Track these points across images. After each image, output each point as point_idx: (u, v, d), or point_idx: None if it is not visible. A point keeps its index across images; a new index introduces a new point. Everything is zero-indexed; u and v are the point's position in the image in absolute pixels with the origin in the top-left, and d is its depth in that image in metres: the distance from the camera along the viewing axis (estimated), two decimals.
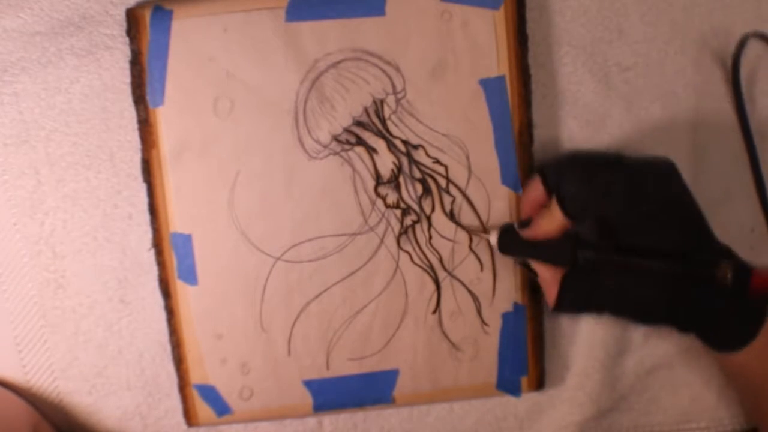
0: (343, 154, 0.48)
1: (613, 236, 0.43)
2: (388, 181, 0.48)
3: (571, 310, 0.45)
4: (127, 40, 0.47)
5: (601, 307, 0.44)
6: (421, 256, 0.49)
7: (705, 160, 0.50)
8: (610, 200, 0.42)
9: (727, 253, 0.43)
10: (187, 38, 0.47)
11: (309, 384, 0.49)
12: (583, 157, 0.46)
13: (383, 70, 0.48)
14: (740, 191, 0.51)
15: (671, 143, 0.50)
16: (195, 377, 0.49)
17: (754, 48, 0.50)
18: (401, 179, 0.48)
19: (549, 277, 0.45)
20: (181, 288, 0.48)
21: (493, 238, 0.47)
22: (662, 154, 0.49)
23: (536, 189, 0.45)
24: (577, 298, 0.44)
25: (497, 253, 0.48)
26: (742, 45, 0.48)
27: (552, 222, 0.43)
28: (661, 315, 0.43)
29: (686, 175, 0.50)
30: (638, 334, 0.51)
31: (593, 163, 0.44)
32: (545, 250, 0.45)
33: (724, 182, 0.51)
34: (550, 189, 0.44)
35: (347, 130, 0.48)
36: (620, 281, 0.42)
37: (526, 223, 0.45)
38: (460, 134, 0.48)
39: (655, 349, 0.51)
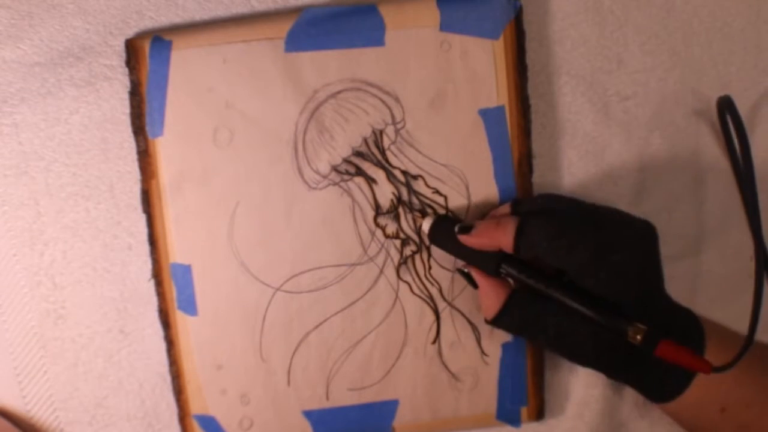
0: (342, 184, 0.48)
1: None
2: (388, 212, 0.48)
3: (507, 329, 0.46)
4: (126, 70, 0.47)
5: (535, 338, 0.45)
6: (421, 286, 0.49)
7: (705, 189, 0.50)
8: (567, 261, 0.42)
9: (679, 317, 0.43)
10: (187, 69, 0.47)
11: (309, 414, 0.49)
12: (561, 209, 0.44)
13: (382, 101, 0.48)
14: (740, 220, 0.51)
15: (671, 172, 0.50)
16: (195, 408, 0.49)
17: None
18: (401, 209, 0.48)
19: (490, 291, 0.45)
20: (180, 318, 0.48)
21: (426, 225, 0.47)
22: (663, 183, 0.50)
23: (503, 210, 0.46)
24: (514, 322, 0.44)
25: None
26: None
27: (495, 242, 0.43)
28: (590, 362, 0.44)
29: (687, 203, 0.50)
30: None
31: (567, 220, 0.43)
32: (472, 254, 0.45)
33: (724, 210, 0.51)
34: (516, 216, 0.44)
35: (346, 161, 0.48)
36: (557, 320, 0.43)
37: (466, 228, 0.45)
38: (460, 164, 0.48)
39: None
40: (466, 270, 0.46)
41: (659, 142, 0.50)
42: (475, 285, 0.46)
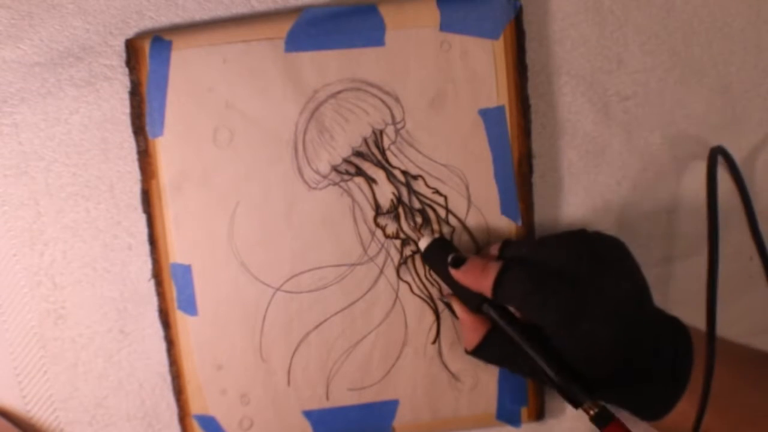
0: (342, 184, 0.48)
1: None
2: (388, 212, 0.48)
3: (485, 361, 0.47)
4: (126, 70, 0.47)
5: (512, 371, 0.46)
6: (421, 286, 0.49)
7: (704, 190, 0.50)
8: (538, 318, 0.42)
9: (672, 332, 0.43)
10: (187, 69, 0.47)
11: (309, 414, 0.49)
12: (543, 259, 0.44)
13: (382, 101, 0.48)
14: (740, 220, 0.51)
15: (671, 173, 0.50)
16: (195, 408, 0.49)
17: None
18: (400, 209, 0.48)
19: (470, 325, 0.46)
20: (180, 318, 0.48)
21: (423, 243, 0.47)
22: (664, 183, 0.50)
23: (493, 251, 0.46)
24: (493, 357, 0.46)
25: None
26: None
27: (477, 285, 0.44)
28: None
29: (687, 204, 0.50)
30: None
31: (545, 274, 0.42)
32: (459, 287, 0.46)
33: (725, 211, 0.50)
34: (500, 261, 0.44)
35: (346, 161, 0.48)
36: (531, 362, 0.43)
37: (458, 260, 0.45)
38: (460, 164, 0.48)
39: None
40: (447, 301, 0.48)
41: (659, 142, 0.50)
42: (455, 315, 0.47)
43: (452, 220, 0.48)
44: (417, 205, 0.48)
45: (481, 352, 0.46)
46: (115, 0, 0.48)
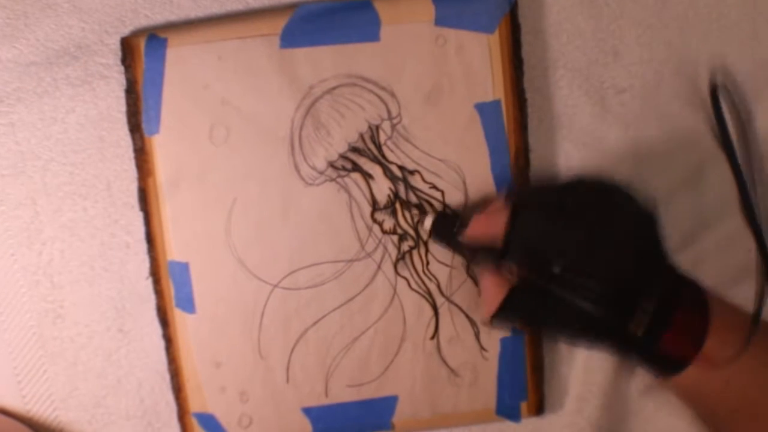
0: (339, 180, 0.48)
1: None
2: (385, 207, 0.48)
3: (506, 325, 0.45)
4: (122, 68, 0.47)
5: (535, 328, 0.44)
6: (419, 281, 0.48)
7: (702, 180, 0.50)
8: (558, 254, 0.41)
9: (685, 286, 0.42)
10: (182, 66, 0.47)
11: (308, 411, 0.49)
12: (552, 200, 0.43)
13: (378, 96, 0.47)
14: (738, 209, 0.50)
15: (668, 164, 0.50)
16: (194, 406, 0.48)
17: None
18: (398, 205, 0.48)
19: (492, 286, 0.44)
20: (179, 316, 0.48)
21: (428, 222, 0.47)
22: (660, 175, 0.50)
23: (498, 203, 0.45)
24: (519, 311, 0.43)
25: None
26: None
27: (489, 236, 0.43)
28: (593, 347, 0.43)
29: (684, 194, 0.50)
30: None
31: (557, 212, 0.42)
32: (473, 250, 0.45)
33: (722, 200, 0.51)
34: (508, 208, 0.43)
35: (343, 157, 0.48)
36: (557, 312, 0.41)
37: (465, 223, 0.44)
38: (456, 159, 0.48)
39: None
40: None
41: (656, 134, 0.50)
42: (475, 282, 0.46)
43: None
44: (414, 200, 0.48)
45: (507, 309, 0.43)
46: None
